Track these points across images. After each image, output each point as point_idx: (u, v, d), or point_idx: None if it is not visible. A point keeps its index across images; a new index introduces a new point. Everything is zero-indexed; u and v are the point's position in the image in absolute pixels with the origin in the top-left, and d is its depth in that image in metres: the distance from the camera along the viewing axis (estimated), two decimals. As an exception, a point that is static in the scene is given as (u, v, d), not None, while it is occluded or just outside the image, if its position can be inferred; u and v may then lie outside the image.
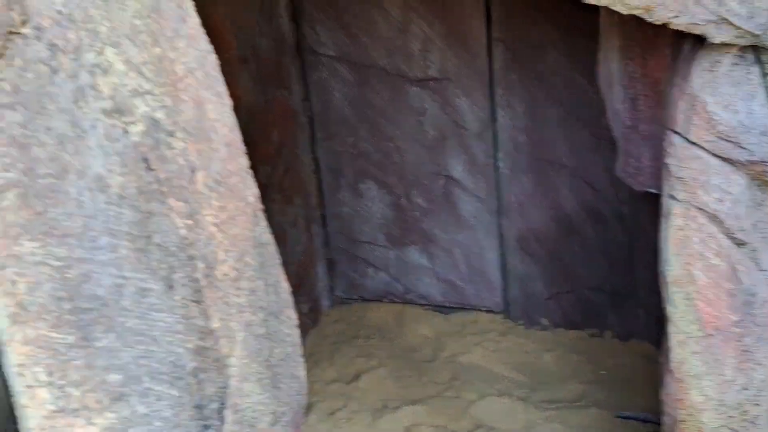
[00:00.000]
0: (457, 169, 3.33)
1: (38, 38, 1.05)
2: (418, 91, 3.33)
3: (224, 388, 1.24)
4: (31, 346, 1.02)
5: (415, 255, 3.45)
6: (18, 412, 1.03)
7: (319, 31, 3.38)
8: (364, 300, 3.54)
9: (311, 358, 2.95)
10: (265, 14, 3.29)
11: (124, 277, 1.11)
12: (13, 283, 1.01)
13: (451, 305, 3.47)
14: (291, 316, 1.45)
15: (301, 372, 1.46)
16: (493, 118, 3.22)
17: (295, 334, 1.46)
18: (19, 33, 1.03)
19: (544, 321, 3.33)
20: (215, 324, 1.25)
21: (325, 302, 3.55)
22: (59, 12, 1.08)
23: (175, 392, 1.15)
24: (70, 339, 1.05)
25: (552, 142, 3.17)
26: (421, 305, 3.48)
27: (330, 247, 3.56)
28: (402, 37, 3.30)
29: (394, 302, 3.50)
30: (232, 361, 1.27)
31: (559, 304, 3.31)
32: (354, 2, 3.30)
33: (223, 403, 1.24)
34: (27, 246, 1.02)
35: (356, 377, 3.05)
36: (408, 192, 3.41)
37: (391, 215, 3.45)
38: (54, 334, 1.04)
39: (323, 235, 3.54)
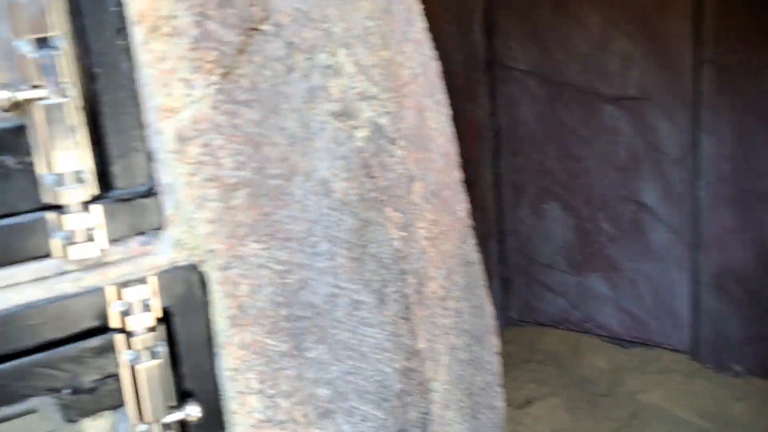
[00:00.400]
0: (651, 195, 3.10)
1: (277, 35, 1.01)
2: (613, 111, 3.14)
3: (426, 414, 1.16)
4: (247, 351, 0.98)
5: (596, 282, 3.25)
6: (226, 418, 1.00)
7: (512, 45, 3.27)
8: (539, 324, 3.37)
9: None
10: (460, 28, 3.23)
11: (339, 287, 1.05)
12: (236, 284, 0.97)
13: (632, 339, 3.23)
14: (493, 341, 1.35)
15: (500, 403, 1.35)
16: (696, 144, 2.97)
17: (496, 361, 1.35)
18: (259, 29, 0.99)
19: (737, 367, 3.02)
20: (421, 344, 1.16)
21: (498, 322, 3.42)
22: (298, 9, 1.03)
23: (380, 414, 1.08)
24: (284, 347, 1.00)
25: (762, 173, 2.87)
26: (599, 336, 3.27)
27: (506, 266, 3.43)
28: (600, 53, 3.13)
29: (570, 329, 3.31)
30: (436, 386, 1.18)
31: (755, 349, 2.99)
32: (551, 17, 3.16)
33: (424, 431, 1.15)
34: (252, 247, 0.98)
35: (527, 403, 2.90)
36: (594, 216, 3.21)
37: (573, 239, 3.26)
38: (269, 341, 0.99)
39: (500, 253, 3.41)
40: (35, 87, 0.87)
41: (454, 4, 3.30)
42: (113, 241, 0.95)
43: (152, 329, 0.94)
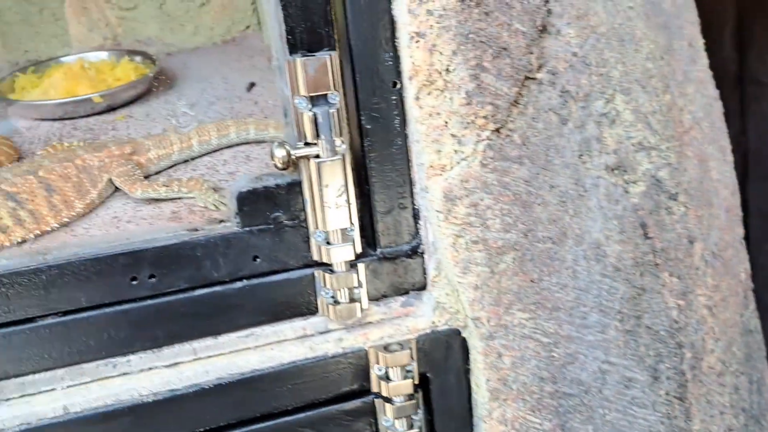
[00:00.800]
0: None
1: (552, 84, 0.91)
2: None
3: (700, 507, 1.01)
4: (507, 426, 0.89)
5: None
6: (482, 492, 0.92)
7: (769, 60, 2.91)
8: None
9: None
10: (707, 41, 2.94)
11: (609, 363, 0.94)
12: (499, 355, 0.89)
13: None
14: (774, 422, 1.16)
15: (779, 493, 1.16)
16: None
17: (777, 445, 1.16)
18: (534, 78, 0.90)
19: None
20: (696, 426, 1.01)
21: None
22: (574, 54, 0.93)
23: (649, 507, 0.95)
24: (547, 425, 0.90)
25: None
26: None
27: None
28: None
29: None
30: (711, 475, 1.03)
31: None
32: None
33: None
34: (517, 317, 0.89)
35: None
36: None
37: (835, 277, 2.85)
38: (532, 418, 0.90)
39: (745, 288, 3.07)
40: (308, 144, 0.85)
41: (700, 15, 3.00)
42: (375, 300, 0.90)
43: (411, 396, 0.89)
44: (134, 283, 0.84)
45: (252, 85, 1.31)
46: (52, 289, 0.82)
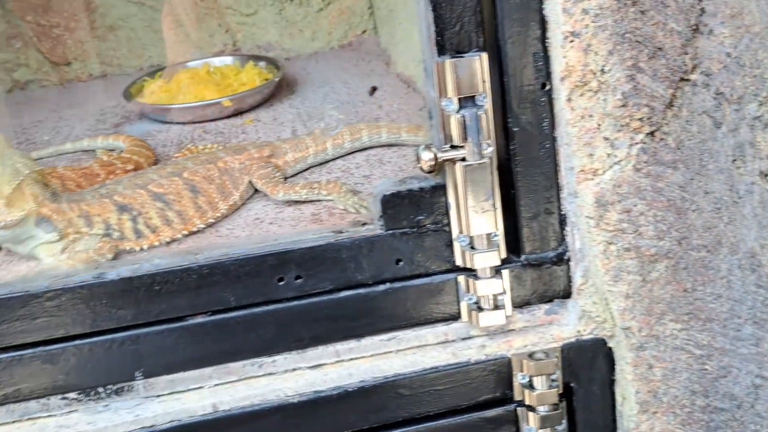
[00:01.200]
0: None
1: (706, 86, 0.85)
2: None
3: None
4: (657, 441, 0.84)
5: None
6: (623, 507, 0.86)
7: None
8: None
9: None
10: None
11: (763, 377, 0.87)
12: (650, 367, 0.83)
13: None
14: None
15: None
16: None
17: None
18: (688, 80, 0.85)
19: None
20: None
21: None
22: (728, 55, 0.87)
23: None
24: (699, 442, 0.84)
25: None
26: None
27: None
28: None
29: None
30: None
31: None
32: None
33: None
34: (669, 327, 0.83)
35: None
36: None
37: None
38: (682, 433, 0.84)
39: None
40: (455, 147, 0.81)
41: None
42: (518, 307, 0.86)
43: (555, 406, 0.84)
44: (281, 283, 0.82)
45: (374, 89, 1.29)
46: (203, 288, 0.81)
